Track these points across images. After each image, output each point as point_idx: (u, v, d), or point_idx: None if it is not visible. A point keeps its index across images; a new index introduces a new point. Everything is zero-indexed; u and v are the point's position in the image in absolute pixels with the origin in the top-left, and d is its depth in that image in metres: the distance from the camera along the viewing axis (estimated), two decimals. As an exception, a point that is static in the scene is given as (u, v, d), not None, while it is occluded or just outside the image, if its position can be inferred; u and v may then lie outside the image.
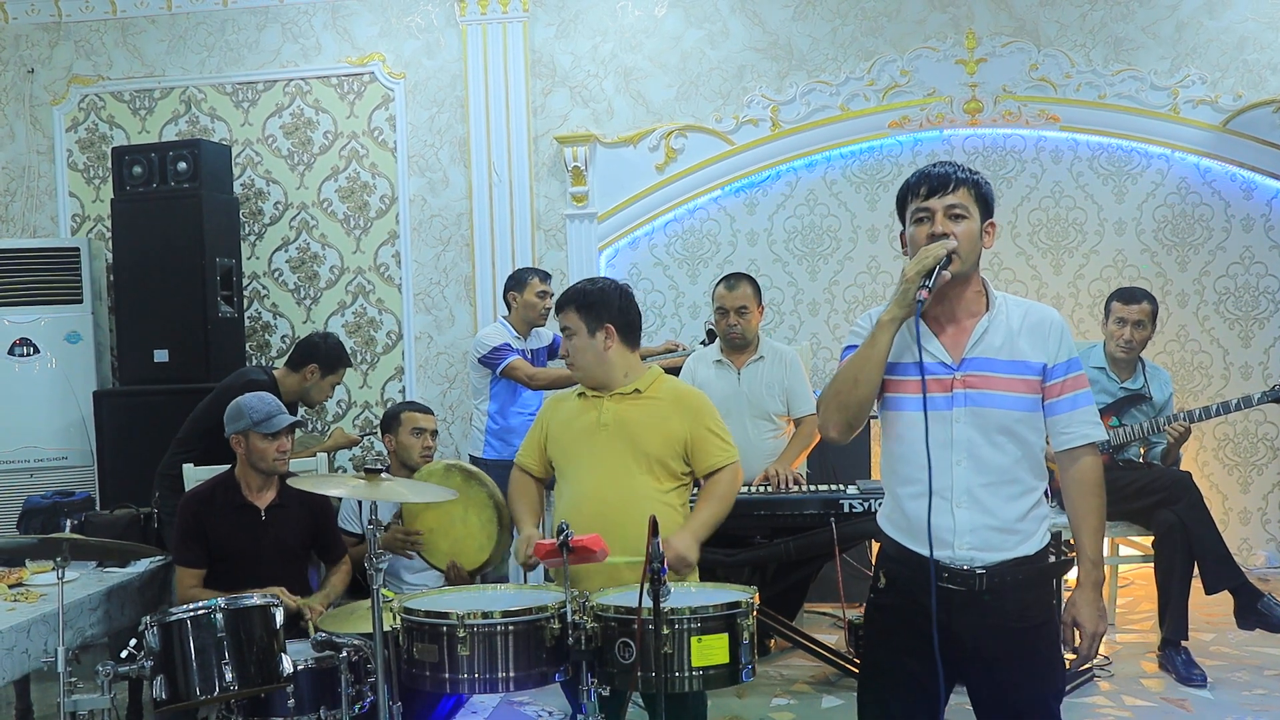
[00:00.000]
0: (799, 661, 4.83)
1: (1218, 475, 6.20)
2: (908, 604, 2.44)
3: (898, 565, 2.50)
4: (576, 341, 3.35)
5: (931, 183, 2.44)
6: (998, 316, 2.46)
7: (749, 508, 4.38)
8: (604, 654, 2.76)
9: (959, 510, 2.41)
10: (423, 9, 6.63)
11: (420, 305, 6.72)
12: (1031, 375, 2.43)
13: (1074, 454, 2.49)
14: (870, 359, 2.41)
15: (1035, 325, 2.47)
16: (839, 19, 6.36)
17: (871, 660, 2.62)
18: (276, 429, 3.83)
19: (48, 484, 6.11)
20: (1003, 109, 6.22)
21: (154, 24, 6.86)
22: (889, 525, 2.54)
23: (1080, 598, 2.48)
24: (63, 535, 3.54)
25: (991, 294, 2.50)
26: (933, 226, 2.42)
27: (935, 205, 2.43)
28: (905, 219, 2.52)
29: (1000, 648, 2.43)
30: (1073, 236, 6.28)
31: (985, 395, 2.41)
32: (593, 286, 3.39)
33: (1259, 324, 6.18)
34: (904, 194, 2.52)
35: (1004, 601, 2.41)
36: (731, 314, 4.76)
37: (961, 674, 2.49)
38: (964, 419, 2.40)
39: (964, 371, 2.42)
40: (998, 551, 2.41)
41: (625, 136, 6.49)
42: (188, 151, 6.22)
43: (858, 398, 2.44)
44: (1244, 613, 4.50)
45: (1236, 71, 6.08)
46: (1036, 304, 2.54)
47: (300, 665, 3.15)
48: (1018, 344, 2.44)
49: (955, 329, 2.47)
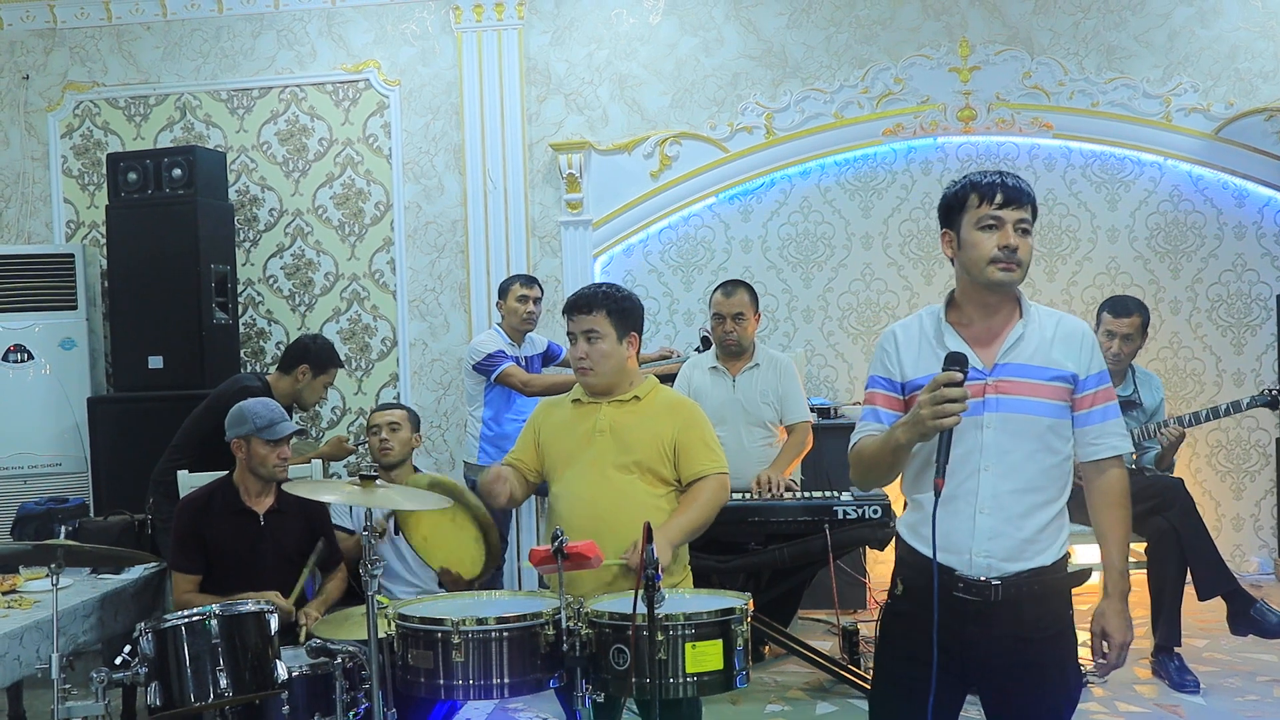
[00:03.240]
0: (793, 668, 4.83)
1: (1210, 482, 6.22)
2: (923, 612, 2.41)
3: (914, 572, 2.49)
4: (604, 346, 3.25)
5: (1008, 193, 2.41)
6: (1031, 324, 2.47)
7: (743, 514, 4.39)
8: (598, 660, 2.76)
9: (981, 516, 2.39)
10: (418, 16, 6.64)
11: (415, 312, 6.72)
12: (1063, 383, 2.43)
13: (1101, 465, 2.49)
14: (891, 465, 2.46)
15: (1068, 335, 2.47)
16: (833, 27, 6.38)
17: (884, 666, 2.61)
18: (279, 435, 3.84)
19: (42, 490, 6.11)
20: (996, 116, 6.25)
21: (149, 31, 6.86)
22: (910, 534, 2.53)
23: (1108, 608, 2.48)
24: (57, 542, 3.52)
25: (1025, 303, 2.50)
26: (1005, 238, 2.39)
27: (1008, 216, 2.41)
28: (959, 220, 2.46)
29: (1014, 658, 2.41)
30: (1066, 244, 6.31)
31: (1017, 401, 2.40)
32: (620, 293, 3.33)
33: (1251, 331, 6.20)
34: (965, 194, 2.45)
35: (1019, 612, 2.39)
36: (728, 320, 4.77)
37: (974, 684, 2.49)
38: (994, 424, 2.39)
39: (996, 377, 2.41)
40: (1015, 561, 2.39)
41: (620, 144, 6.50)
42: (183, 158, 6.22)
43: (881, 481, 2.58)
44: (1237, 619, 4.51)
45: (1228, 80, 6.11)
46: (1068, 315, 2.54)
47: (295, 672, 3.15)
48: (1051, 352, 2.44)
49: (988, 334, 2.46)
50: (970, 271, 2.45)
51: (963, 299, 2.51)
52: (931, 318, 2.52)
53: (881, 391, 2.53)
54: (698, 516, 3.22)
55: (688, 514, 3.21)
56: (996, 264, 2.40)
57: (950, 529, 2.37)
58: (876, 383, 2.54)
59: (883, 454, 2.42)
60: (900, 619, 2.53)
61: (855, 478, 2.58)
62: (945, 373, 2.28)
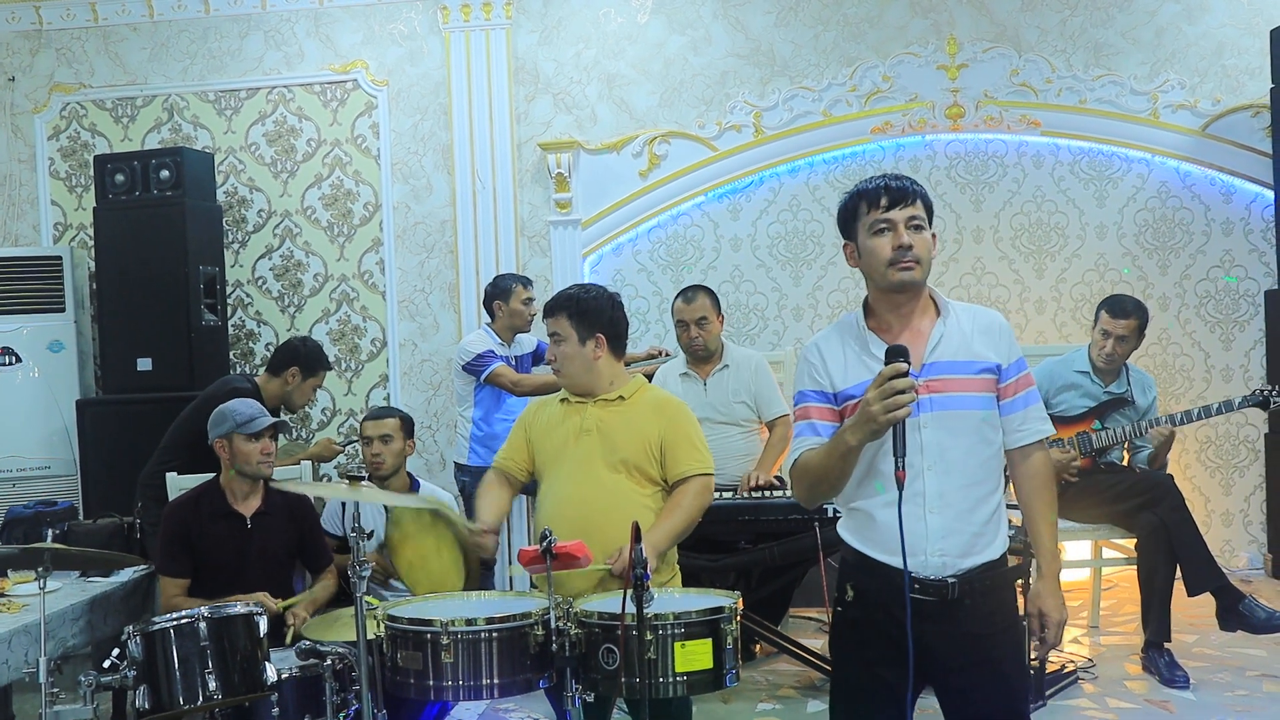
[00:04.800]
0: (784, 666, 4.84)
1: (1200, 477, 6.24)
2: (878, 614, 2.44)
3: (865, 576, 2.49)
4: (566, 348, 3.32)
5: (893, 194, 2.45)
6: (950, 320, 2.49)
7: (733, 513, 4.39)
8: (588, 660, 2.76)
9: (931, 515, 2.41)
10: (406, 16, 6.63)
11: (404, 312, 6.71)
12: (989, 375, 2.47)
13: (1027, 451, 2.53)
14: (841, 472, 2.42)
15: (986, 327, 2.51)
16: (821, 25, 6.38)
17: (843, 673, 2.61)
18: (259, 429, 3.85)
19: (30, 493, 6.09)
20: (984, 114, 6.26)
21: (136, 32, 6.84)
22: (852, 537, 2.53)
23: (1043, 588, 2.53)
24: (45, 545, 3.51)
25: (941, 300, 2.52)
26: (897, 238, 2.42)
27: (897, 217, 2.44)
28: (855, 229, 2.51)
29: (968, 654, 2.44)
30: (1054, 240, 6.32)
31: (950, 398, 2.43)
32: (586, 294, 3.36)
33: (1239, 327, 6.22)
34: (855, 204, 2.50)
35: (972, 608, 2.42)
36: (691, 326, 4.82)
37: (930, 680, 2.50)
38: (931, 424, 2.41)
39: (926, 376, 2.42)
40: (967, 557, 2.42)
41: (609, 143, 6.50)
42: (170, 159, 6.21)
43: (831, 493, 2.50)
44: (1226, 614, 4.52)
45: (1215, 76, 6.13)
46: (980, 307, 2.59)
47: (284, 674, 3.14)
48: (973, 346, 2.47)
49: (910, 335, 2.48)
50: (874, 278, 2.49)
51: (877, 306, 2.53)
52: (851, 327, 2.54)
53: (815, 405, 2.52)
54: (681, 522, 3.23)
55: (672, 520, 3.22)
56: (895, 265, 2.43)
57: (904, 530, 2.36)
58: (807, 396, 2.53)
59: (830, 462, 2.41)
60: (854, 627, 2.53)
61: (800, 494, 2.56)
62: (890, 365, 2.28)
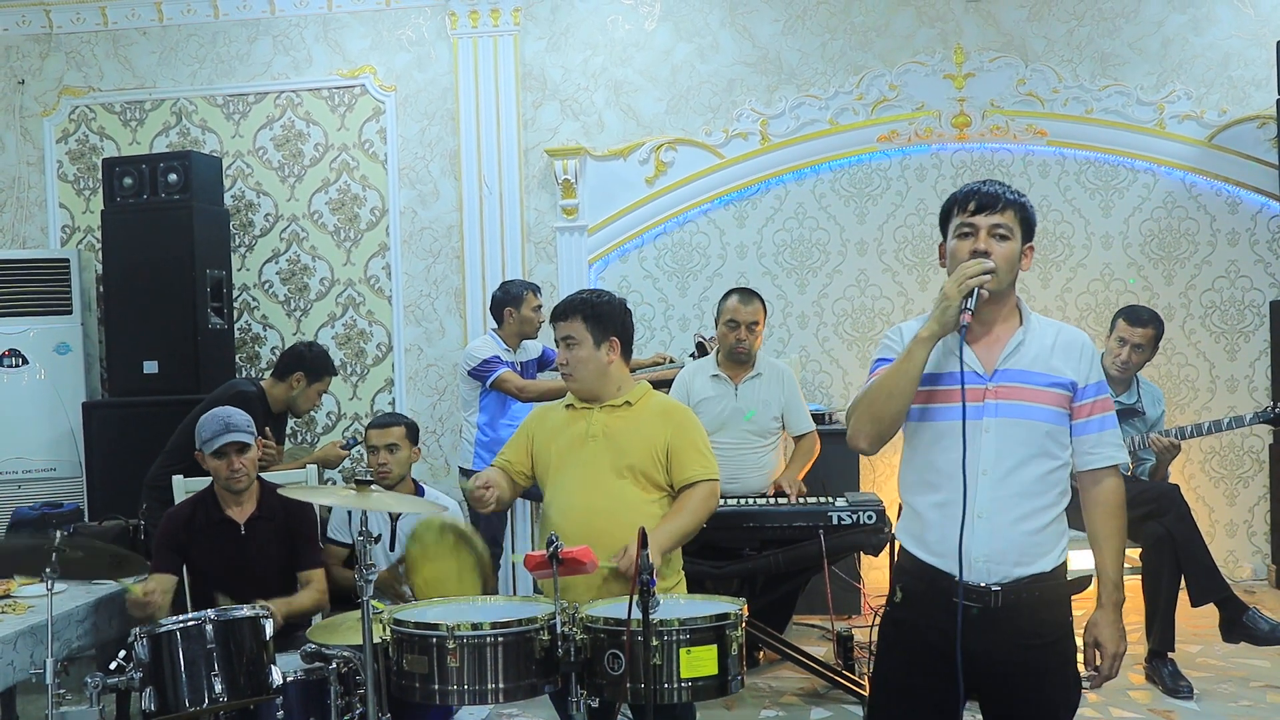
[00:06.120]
0: (787, 673, 4.83)
1: (1204, 488, 6.24)
2: (923, 620, 2.43)
3: (914, 580, 2.49)
4: (580, 352, 3.31)
5: (981, 200, 2.46)
6: (1031, 332, 2.49)
7: (738, 520, 4.39)
8: (593, 665, 2.76)
9: (979, 521, 2.39)
10: (414, 22, 6.65)
11: (410, 317, 6.72)
12: (1063, 390, 2.45)
13: (1097, 475, 2.50)
14: (906, 373, 2.40)
15: (1068, 344, 2.50)
16: (828, 34, 6.40)
17: (883, 675, 2.60)
18: (215, 448, 3.77)
19: (36, 495, 6.11)
20: (990, 123, 6.27)
21: (145, 36, 6.87)
22: (907, 538, 2.53)
23: (1102, 618, 2.48)
24: (53, 544, 3.52)
25: (1025, 310, 2.53)
26: (975, 243, 2.43)
27: (981, 222, 2.45)
28: (948, 231, 2.53)
29: (1013, 665, 2.42)
30: (1060, 250, 6.32)
31: (1016, 406, 2.42)
32: (600, 299, 3.37)
33: (1245, 337, 6.22)
34: (949, 206, 2.53)
35: (1018, 619, 2.40)
36: (743, 328, 4.71)
37: (974, 690, 2.48)
38: (993, 429, 2.40)
39: (996, 382, 2.43)
40: (1014, 567, 2.40)
41: (615, 150, 6.51)
42: (178, 163, 6.24)
43: (892, 411, 2.44)
44: (1229, 625, 4.51)
45: (1221, 87, 6.14)
46: (1067, 325, 2.58)
47: (290, 677, 3.14)
48: (1051, 360, 2.46)
49: (989, 340, 2.48)
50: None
51: None
52: None
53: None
54: (688, 523, 3.24)
55: (677, 520, 3.23)
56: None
57: (949, 535, 2.37)
58: (884, 362, 2.53)
59: (900, 365, 2.41)
60: (900, 627, 2.53)
61: (859, 418, 2.49)
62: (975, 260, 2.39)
